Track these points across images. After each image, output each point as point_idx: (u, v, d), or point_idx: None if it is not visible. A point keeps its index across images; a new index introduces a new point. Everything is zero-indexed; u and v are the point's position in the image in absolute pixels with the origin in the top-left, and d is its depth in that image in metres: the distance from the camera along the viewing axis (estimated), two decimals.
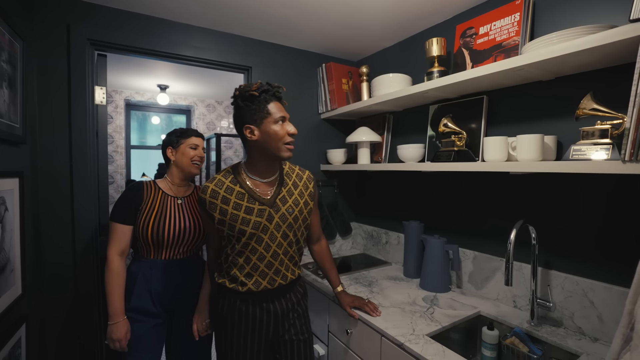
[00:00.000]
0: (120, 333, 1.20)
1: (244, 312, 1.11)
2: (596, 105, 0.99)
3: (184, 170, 1.37)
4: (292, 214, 1.12)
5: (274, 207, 1.10)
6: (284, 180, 1.16)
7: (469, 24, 1.43)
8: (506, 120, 1.37)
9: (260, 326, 1.11)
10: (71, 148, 1.44)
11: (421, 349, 1.02)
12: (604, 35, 0.85)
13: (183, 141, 1.37)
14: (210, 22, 1.68)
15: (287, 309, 1.15)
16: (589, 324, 1.11)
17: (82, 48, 1.45)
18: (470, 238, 1.52)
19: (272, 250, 1.09)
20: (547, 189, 1.24)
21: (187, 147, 1.37)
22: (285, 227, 1.11)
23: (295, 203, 1.14)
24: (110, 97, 3.47)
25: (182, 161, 1.36)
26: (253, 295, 1.10)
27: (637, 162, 0.78)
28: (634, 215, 1.02)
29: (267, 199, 1.10)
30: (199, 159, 1.39)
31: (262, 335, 1.12)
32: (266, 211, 1.08)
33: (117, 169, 3.58)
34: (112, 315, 1.20)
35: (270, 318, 1.12)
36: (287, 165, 1.22)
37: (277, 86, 1.08)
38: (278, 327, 1.14)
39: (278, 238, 1.10)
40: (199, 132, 1.43)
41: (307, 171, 1.25)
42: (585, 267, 1.13)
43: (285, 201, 1.12)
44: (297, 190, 1.17)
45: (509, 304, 1.34)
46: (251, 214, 1.07)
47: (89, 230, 1.49)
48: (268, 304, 1.12)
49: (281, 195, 1.13)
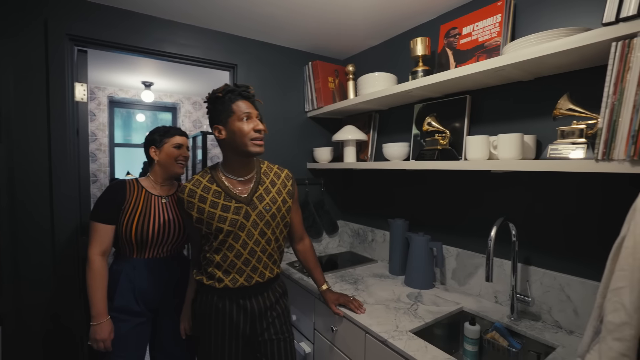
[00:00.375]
0: (105, 333, 1.18)
1: (221, 309, 1.12)
2: (572, 105, 1.01)
3: (168, 170, 1.35)
4: (269, 211, 1.14)
5: (251, 204, 1.12)
6: (261, 178, 1.18)
7: (453, 24, 1.45)
8: (488, 120, 1.39)
9: (237, 323, 1.13)
10: (50, 146, 1.40)
11: (404, 345, 1.03)
12: (579, 38, 0.88)
13: (167, 140, 1.35)
14: (196, 19, 1.66)
15: (264, 307, 1.16)
16: (565, 317, 1.14)
17: (61, 44, 1.41)
18: (454, 235, 1.55)
19: (249, 248, 1.11)
20: (527, 187, 1.27)
21: (170, 146, 1.34)
22: (262, 225, 1.13)
23: (273, 201, 1.16)
24: (93, 94, 3.39)
25: (166, 161, 1.34)
26: (230, 292, 1.12)
27: (609, 161, 0.81)
28: (608, 212, 1.05)
29: (244, 197, 1.12)
30: (183, 158, 1.37)
31: (239, 333, 1.14)
32: (243, 209, 1.10)
33: (101, 167, 3.50)
34: (95, 315, 1.18)
35: (247, 316, 1.14)
36: (265, 164, 1.24)
37: (243, 85, 1.10)
38: (255, 325, 1.16)
39: (255, 235, 1.12)
40: (182, 130, 1.41)
41: (285, 170, 1.27)
42: (563, 263, 1.17)
43: (262, 199, 1.14)
44: (274, 188, 1.19)
45: (491, 299, 1.37)
46: (228, 211, 1.09)
47: (70, 230, 1.45)
48: (245, 301, 1.14)
49: (258, 193, 1.14)
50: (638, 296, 0.59)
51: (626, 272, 0.61)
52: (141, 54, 1.65)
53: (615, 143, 0.79)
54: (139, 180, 1.34)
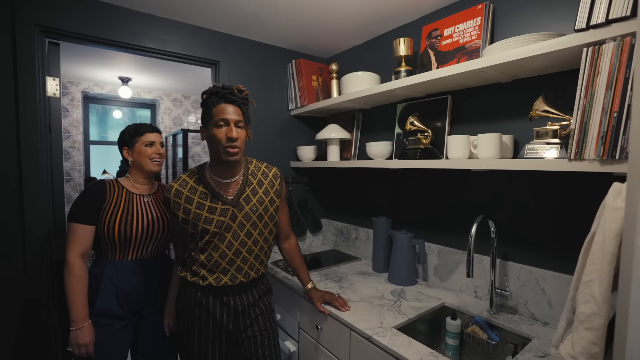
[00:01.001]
0: (86, 337, 1.15)
1: (204, 305, 1.13)
2: (547, 107, 1.06)
3: (144, 170, 1.32)
4: (255, 212, 1.14)
5: (237, 206, 1.12)
6: (248, 179, 1.17)
7: (435, 25, 1.48)
8: (469, 119, 1.43)
9: (220, 320, 1.13)
10: (19, 144, 1.33)
11: (388, 341, 1.05)
12: (553, 43, 0.92)
13: (137, 139, 1.30)
14: (176, 12, 1.61)
15: (247, 305, 1.17)
16: (540, 309, 1.20)
17: (30, 35, 1.34)
18: (436, 233, 1.58)
19: (234, 249, 1.11)
20: (505, 185, 1.31)
21: (142, 145, 1.30)
22: (249, 226, 1.13)
23: (260, 201, 1.16)
24: (66, 89, 3.23)
25: (140, 161, 1.30)
26: (213, 289, 1.13)
27: (581, 160, 0.85)
28: (579, 209, 1.11)
29: (230, 199, 1.12)
30: (157, 156, 1.33)
31: (222, 329, 1.14)
32: (229, 210, 1.10)
33: (75, 165, 3.35)
34: (75, 320, 1.14)
35: (230, 312, 1.14)
36: (253, 163, 1.23)
37: (229, 87, 1.05)
38: (239, 322, 1.16)
39: (241, 236, 1.12)
40: (153, 126, 1.36)
41: (273, 169, 1.25)
42: (538, 258, 1.22)
43: (248, 200, 1.14)
44: (261, 188, 1.18)
45: (471, 294, 1.42)
46: (214, 213, 1.09)
47: (42, 232, 1.38)
48: (228, 298, 1.14)
49: (245, 195, 1.14)
50: (607, 288, 0.63)
51: (596, 266, 0.64)
52: (118, 49, 1.59)
53: (586, 143, 0.83)
54: (118, 181, 1.30)
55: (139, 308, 1.29)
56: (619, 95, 0.77)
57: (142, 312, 1.31)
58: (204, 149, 3.97)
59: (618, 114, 0.77)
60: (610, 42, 0.79)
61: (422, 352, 0.99)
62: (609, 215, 0.63)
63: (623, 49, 0.76)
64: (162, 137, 1.39)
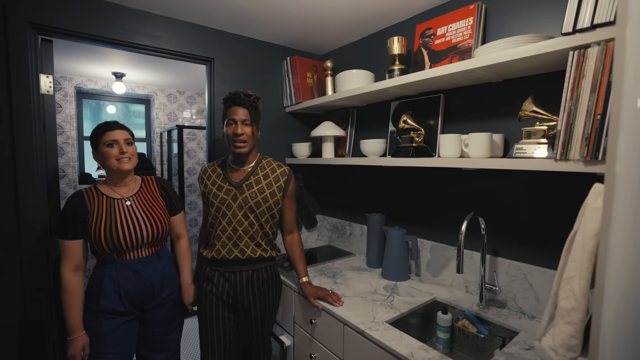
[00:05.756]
0: (76, 349, 1.18)
1: (210, 277, 1.35)
2: (535, 107, 1.08)
3: (114, 171, 1.25)
4: (254, 198, 1.31)
5: (240, 189, 1.32)
6: (255, 170, 1.36)
7: (428, 24, 1.49)
8: (461, 118, 1.45)
9: (222, 291, 1.33)
10: (14, 142, 1.33)
11: (380, 335, 1.08)
12: (541, 45, 0.94)
13: (99, 140, 1.22)
14: (170, 9, 1.61)
15: (246, 283, 1.33)
16: (528, 304, 1.23)
17: (23, 32, 1.33)
18: (428, 229, 1.62)
19: (232, 226, 1.31)
20: (495, 183, 1.34)
21: (104, 146, 1.22)
22: (246, 209, 1.31)
23: (260, 190, 1.32)
24: (59, 84, 3.20)
25: (107, 163, 1.23)
26: (216, 262, 1.34)
27: (566, 160, 0.88)
28: (566, 207, 1.14)
29: (235, 182, 1.34)
30: (122, 155, 1.23)
31: (223, 300, 1.33)
32: (232, 191, 1.32)
33: (69, 161, 3.33)
34: (69, 331, 1.20)
35: (230, 287, 1.33)
36: (265, 160, 1.41)
37: (238, 92, 1.29)
38: (237, 298, 1.33)
39: (239, 216, 1.31)
40: (117, 123, 1.25)
41: (284, 167, 1.41)
42: (526, 253, 1.25)
43: (250, 187, 1.33)
44: (265, 180, 1.35)
45: (462, 289, 1.45)
46: (221, 190, 1.33)
47: (38, 228, 1.39)
48: (229, 274, 1.33)
49: (248, 182, 1.33)
50: (586, 285, 0.66)
51: (577, 263, 0.67)
52: (111, 45, 1.58)
53: (572, 144, 0.86)
54: (97, 187, 1.27)
55: (142, 304, 1.30)
56: (602, 98, 0.79)
57: (146, 307, 1.32)
58: (199, 145, 3.96)
59: (601, 117, 0.80)
60: (594, 47, 0.81)
61: (412, 346, 1.02)
62: (589, 215, 0.65)
63: (607, 53, 0.78)
64: (128, 133, 1.28)
